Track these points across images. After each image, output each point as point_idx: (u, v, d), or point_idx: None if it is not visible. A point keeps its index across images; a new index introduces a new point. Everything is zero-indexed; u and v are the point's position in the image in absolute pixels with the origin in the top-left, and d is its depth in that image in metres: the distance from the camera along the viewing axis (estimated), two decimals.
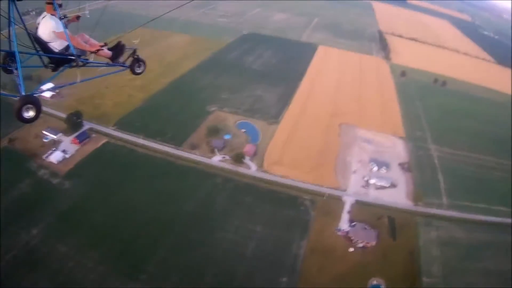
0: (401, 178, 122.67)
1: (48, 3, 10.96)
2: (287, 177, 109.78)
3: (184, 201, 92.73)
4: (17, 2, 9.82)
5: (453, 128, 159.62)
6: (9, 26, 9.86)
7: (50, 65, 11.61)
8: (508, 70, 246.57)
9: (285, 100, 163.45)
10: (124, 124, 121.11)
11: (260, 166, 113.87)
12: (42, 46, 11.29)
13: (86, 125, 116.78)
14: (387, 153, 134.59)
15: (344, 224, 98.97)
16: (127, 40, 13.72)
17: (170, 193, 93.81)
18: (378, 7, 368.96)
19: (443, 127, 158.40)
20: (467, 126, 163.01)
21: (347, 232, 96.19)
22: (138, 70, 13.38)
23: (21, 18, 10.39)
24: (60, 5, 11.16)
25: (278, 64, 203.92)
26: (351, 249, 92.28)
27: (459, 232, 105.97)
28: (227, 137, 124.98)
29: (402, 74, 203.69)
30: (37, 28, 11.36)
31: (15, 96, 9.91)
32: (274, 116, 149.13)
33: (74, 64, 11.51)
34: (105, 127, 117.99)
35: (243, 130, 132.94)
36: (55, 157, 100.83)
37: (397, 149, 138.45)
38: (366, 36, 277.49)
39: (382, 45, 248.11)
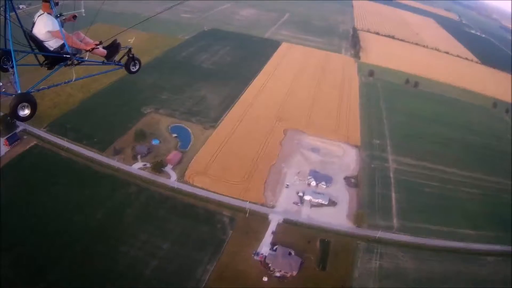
0: (345, 195, 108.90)
1: (45, 1, 11.20)
2: (209, 190, 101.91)
3: (96, 210, 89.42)
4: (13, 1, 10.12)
5: (419, 135, 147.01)
6: (5, 25, 10.04)
7: (46, 63, 11.96)
8: (492, 71, 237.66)
9: (229, 102, 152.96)
10: (56, 126, 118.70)
11: (182, 176, 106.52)
12: (37, 44, 11.59)
13: (21, 126, 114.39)
14: (334, 164, 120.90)
15: (264, 247, 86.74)
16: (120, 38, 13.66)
17: (84, 201, 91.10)
18: (358, 4, 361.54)
19: (407, 134, 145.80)
20: (436, 133, 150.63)
21: (265, 258, 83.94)
22: (133, 69, 13.81)
23: (17, 16, 10.35)
24: (56, 4, 11.38)
25: (233, 62, 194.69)
26: (265, 279, 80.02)
27: (408, 261, 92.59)
28: (155, 142, 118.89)
29: (369, 74, 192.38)
30: (32, 26, 11.56)
31: (11, 95, 10.35)
32: (213, 119, 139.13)
33: (69, 62, 11.94)
34: (37, 128, 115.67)
35: (175, 135, 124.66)
36: None
37: (347, 159, 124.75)
38: (338, 33, 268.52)
39: (353, 42, 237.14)
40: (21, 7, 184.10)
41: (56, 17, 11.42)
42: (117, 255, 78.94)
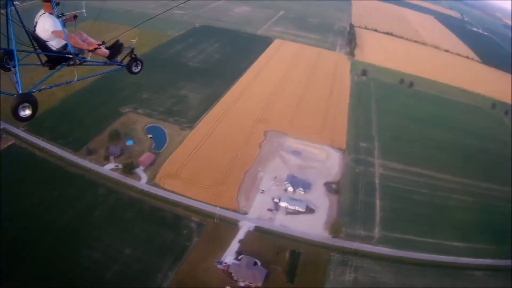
0: (324, 202, 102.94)
1: (46, 1, 11.33)
2: (179, 193, 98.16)
3: (63, 211, 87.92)
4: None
5: (411, 138, 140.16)
6: (7, 25, 10.14)
7: (48, 63, 12.04)
8: (492, 70, 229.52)
9: (210, 102, 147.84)
10: (34, 125, 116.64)
11: (152, 178, 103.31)
12: (40, 44, 11.70)
13: (2, 125, 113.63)
14: (315, 168, 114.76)
15: (228, 256, 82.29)
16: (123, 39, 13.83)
17: (52, 202, 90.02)
18: (357, 1, 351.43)
19: (398, 137, 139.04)
20: (429, 136, 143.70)
21: (229, 267, 79.72)
22: (135, 70, 13.76)
23: (19, 16, 10.55)
24: (57, 3, 11.52)
25: (220, 60, 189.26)
26: None
27: (386, 276, 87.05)
28: (129, 143, 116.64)
29: (362, 73, 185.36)
30: (35, 26, 11.67)
31: (12, 95, 10.41)
32: (191, 120, 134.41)
33: (72, 62, 11.99)
34: (16, 128, 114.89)
35: (150, 136, 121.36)
36: None
37: (329, 163, 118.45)
38: (333, 30, 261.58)
39: (349, 39, 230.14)
40: (15, 3, 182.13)
41: (58, 17, 11.50)
42: (80, 257, 77.54)
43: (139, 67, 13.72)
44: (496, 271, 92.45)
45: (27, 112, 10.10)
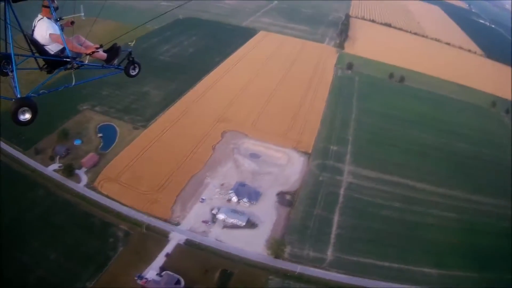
0: (271, 215, 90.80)
1: (44, 6, 11.53)
2: (113, 198, 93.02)
3: (1, 212, 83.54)
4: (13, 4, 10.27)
5: (392, 141, 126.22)
6: (5, 28, 10.29)
7: (46, 67, 12.12)
8: (496, 65, 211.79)
9: (172, 99, 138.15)
10: None
11: (92, 181, 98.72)
12: (38, 48, 11.78)
13: None
14: (271, 175, 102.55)
15: (151, 271, 75.93)
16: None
17: None
18: None
19: (376, 140, 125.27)
20: (414, 139, 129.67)
21: (147, 283, 74.38)
22: (133, 73, 13.91)
23: (17, 20, 10.57)
24: (56, 8, 11.66)
25: (194, 54, 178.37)
26: None
27: None
28: (77, 142, 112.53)
29: (348, 67, 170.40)
30: (33, 30, 11.84)
31: (11, 99, 10.55)
32: (147, 118, 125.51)
33: (70, 66, 12.04)
34: None
35: (100, 135, 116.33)
36: None
37: (289, 169, 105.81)
38: (326, 21, 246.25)
39: (340, 31, 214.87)
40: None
41: (56, 21, 11.51)
42: (9, 261, 74.92)
43: (137, 70, 13.73)
44: None
45: (27, 116, 9.89)
